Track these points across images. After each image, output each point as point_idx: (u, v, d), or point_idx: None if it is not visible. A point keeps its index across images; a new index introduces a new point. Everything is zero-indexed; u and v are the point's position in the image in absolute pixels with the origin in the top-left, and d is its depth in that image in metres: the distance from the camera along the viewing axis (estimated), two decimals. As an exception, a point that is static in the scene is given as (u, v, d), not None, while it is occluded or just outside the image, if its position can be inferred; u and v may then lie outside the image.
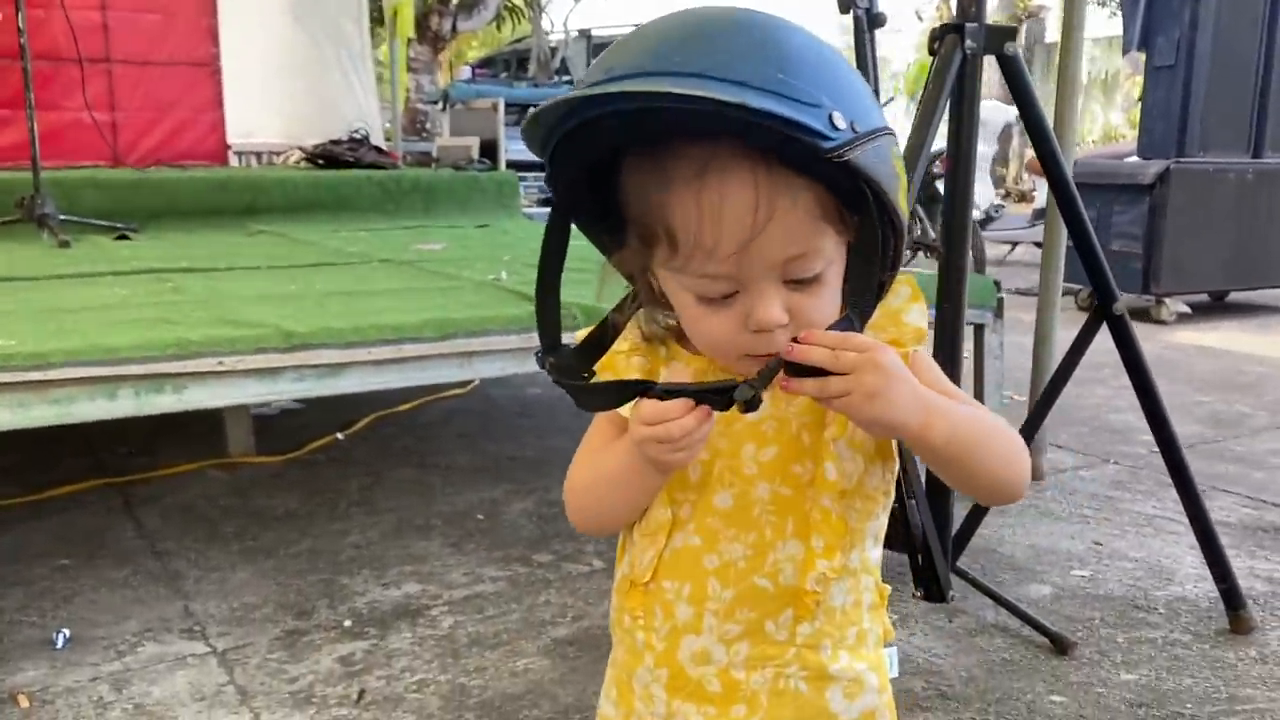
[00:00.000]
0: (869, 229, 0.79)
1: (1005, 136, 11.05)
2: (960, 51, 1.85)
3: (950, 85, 1.86)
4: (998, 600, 2.14)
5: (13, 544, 2.47)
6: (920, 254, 0.94)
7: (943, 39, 1.87)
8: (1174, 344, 5.22)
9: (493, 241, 3.78)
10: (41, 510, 2.68)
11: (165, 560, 2.40)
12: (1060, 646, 2.00)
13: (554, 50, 14.35)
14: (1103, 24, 20.45)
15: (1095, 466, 3.20)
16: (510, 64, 15.04)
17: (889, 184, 0.77)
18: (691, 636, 0.90)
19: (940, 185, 7.72)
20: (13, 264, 2.93)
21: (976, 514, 2.17)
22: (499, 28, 13.32)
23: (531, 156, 0.83)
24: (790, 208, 0.77)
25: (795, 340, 0.78)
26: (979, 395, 2.89)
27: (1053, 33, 18.22)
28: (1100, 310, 2.02)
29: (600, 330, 0.91)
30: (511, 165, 6.10)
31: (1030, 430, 2.16)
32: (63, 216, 3.59)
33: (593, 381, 0.87)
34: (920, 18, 22.10)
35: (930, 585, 2.10)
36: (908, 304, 0.88)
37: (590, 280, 0.90)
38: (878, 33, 2.19)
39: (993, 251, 8.02)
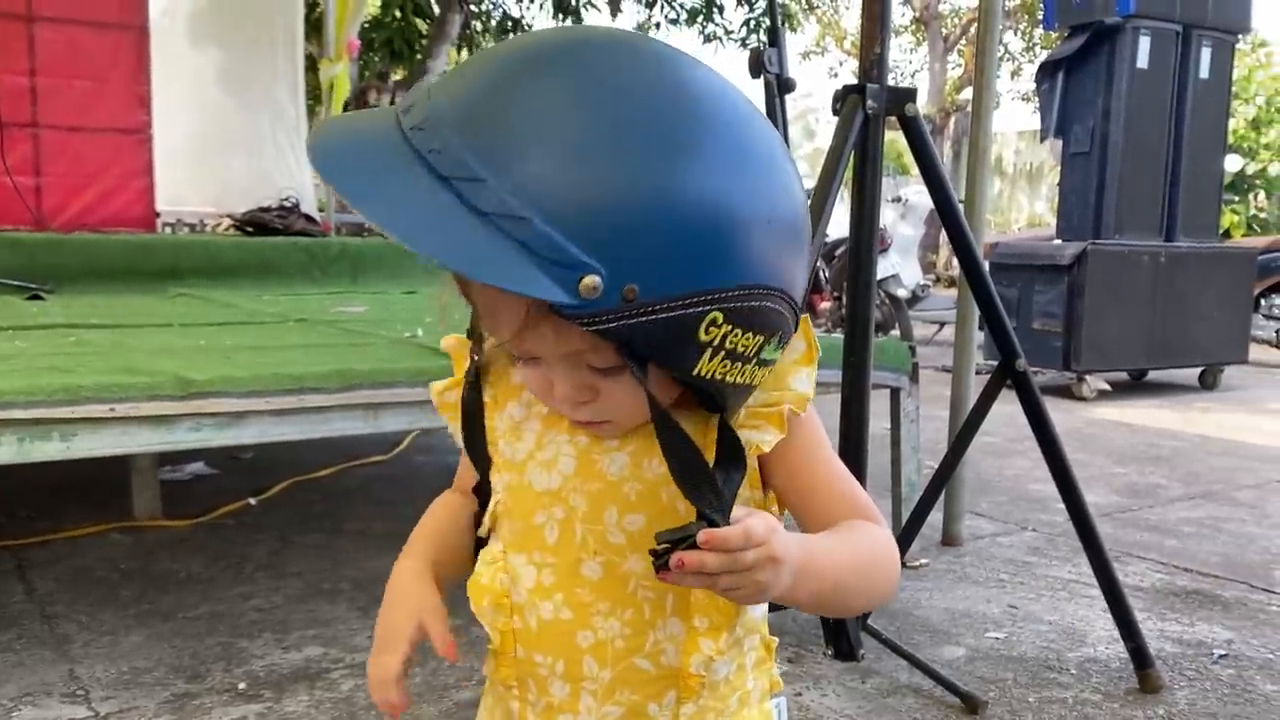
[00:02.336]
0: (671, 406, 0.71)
1: (935, 222, 11.33)
2: (862, 112, 1.89)
3: (852, 145, 1.90)
4: (910, 660, 2.12)
5: (-109, 608, 2.35)
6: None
7: (844, 99, 1.92)
8: (1093, 419, 5.32)
9: (417, 306, 3.74)
10: (-73, 575, 2.56)
11: (54, 624, 2.29)
12: (971, 706, 1.98)
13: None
14: (1028, 118, 21.29)
15: (1013, 533, 3.22)
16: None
17: (679, 358, 0.66)
18: (569, 716, 0.83)
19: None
20: (-92, 318, 2.82)
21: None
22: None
23: None
24: None
25: (690, 545, 0.66)
26: (895, 459, 2.90)
27: (981, 125, 18.84)
28: (1004, 367, 2.06)
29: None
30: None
31: (936, 489, 2.17)
32: (-29, 275, 3.51)
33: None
34: (835, 76, 22.94)
35: (840, 643, 2.08)
36: (796, 366, 0.80)
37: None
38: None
39: (920, 331, 8.16)
